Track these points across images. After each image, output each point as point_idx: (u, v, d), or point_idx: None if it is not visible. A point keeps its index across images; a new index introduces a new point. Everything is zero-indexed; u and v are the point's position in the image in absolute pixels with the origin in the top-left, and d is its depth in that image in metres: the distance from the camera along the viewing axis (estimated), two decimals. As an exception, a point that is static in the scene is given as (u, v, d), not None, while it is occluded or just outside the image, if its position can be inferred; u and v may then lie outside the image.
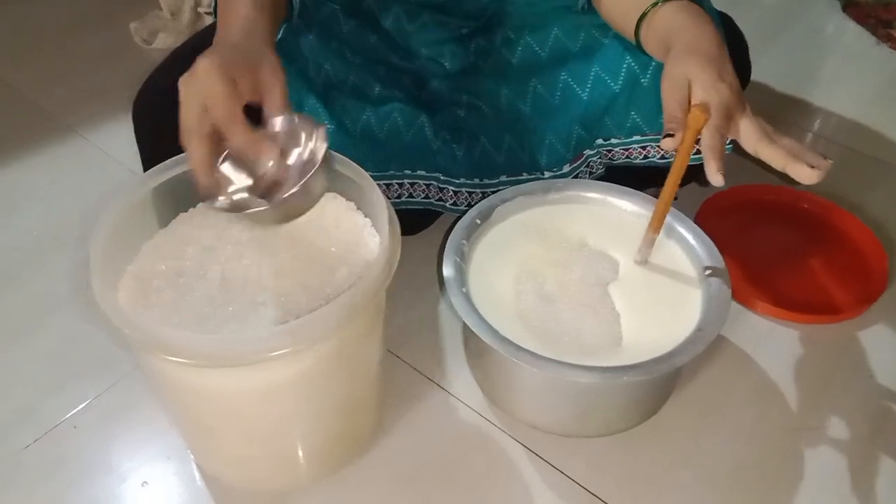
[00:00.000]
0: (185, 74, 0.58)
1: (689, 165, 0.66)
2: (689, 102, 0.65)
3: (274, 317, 0.58)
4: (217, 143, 0.58)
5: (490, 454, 0.71)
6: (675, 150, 0.65)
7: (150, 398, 0.75)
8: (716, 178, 0.63)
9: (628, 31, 0.77)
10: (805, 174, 0.63)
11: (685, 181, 0.68)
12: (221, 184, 0.59)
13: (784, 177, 0.71)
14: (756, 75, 0.94)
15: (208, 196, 0.58)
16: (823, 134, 1.16)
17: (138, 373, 0.77)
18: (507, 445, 0.71)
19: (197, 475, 0.69)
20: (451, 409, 0.75)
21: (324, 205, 0.66)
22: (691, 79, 0.65)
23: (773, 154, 0.64)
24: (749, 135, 0.66)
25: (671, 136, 0.64)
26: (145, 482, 0.68)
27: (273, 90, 0.61)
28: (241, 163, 0.59)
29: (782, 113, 1.19)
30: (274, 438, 0.62)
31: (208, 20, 1.31)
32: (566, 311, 0.70)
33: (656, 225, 0.71)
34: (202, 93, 0.56)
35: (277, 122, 0.60)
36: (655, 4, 0.73)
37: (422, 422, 0.73)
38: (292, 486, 0.68)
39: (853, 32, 1.43)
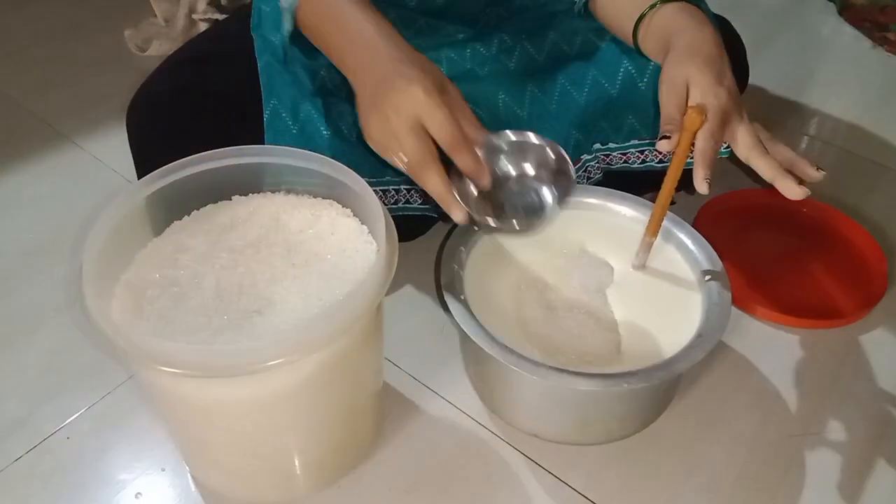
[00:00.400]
0: (396, 95, 0.56)
1: (686, 169, 0.65)
2: (687, 104, 0.65)
3: (270, 326, 0.57)
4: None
5: (489, 463, 0.70)
6: (672, 153, 0.65)
7: (145, 408, 0.74)
8: (702, 185, 0.63)
9: (626, 32, 0.76)
10: (792, 190, 0.63)
11: (682, 185, 0.68)
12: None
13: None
14: (752, 79, 0.94)
15: (464, 216, 0.61)
16: (820, 137, 1.16)
17: (133, 382, 0.76)
18: (507, 454, 0.71)
19: (192, 487, 0.68)
20: (450, 417, 0.74)
21: (319, 212, 0.66)
22: (689, 81, 0.65)
23: (763, 165, 0.64)
24: (743, 142, 0.66)
25: (668, 137, 0.64)
26: (139, 494, 0.67)
27: (466, 110, 0.61)
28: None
29: (779, 116, 1.19)
30: (271, 450, 0.61)
31: (202, 27, 1.30)
32: (566, 318, 0.69)
33: (653, 229, 0.70)
34: (423, 115, 0.55)
35: (494, 142, 0.63)
36: (654, 6, 0.73)
37: (421, 431, 0.72)
38: (290, 497, 0.67)
39: (849, 35, 1.43)
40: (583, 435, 0.71)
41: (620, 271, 0.74)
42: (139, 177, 0.67)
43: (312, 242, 0.63)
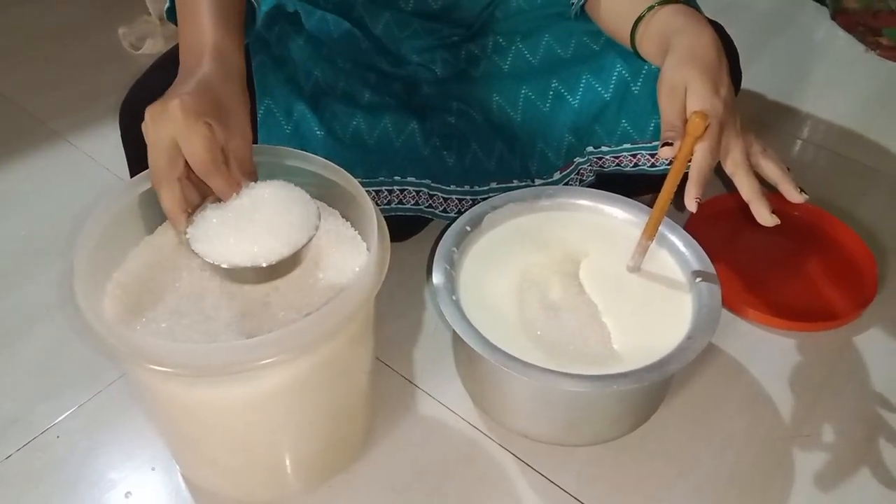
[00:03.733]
0: (156, 110, 0.54)
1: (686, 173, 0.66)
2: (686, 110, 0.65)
3: (261, 326, 0.57)
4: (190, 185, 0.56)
5: (480, 463, 0.70)
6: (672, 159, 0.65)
7: (136, 407, 0.74)
8: (692, 204, 0.64)
9: (623, 34, 0.77)
10: (763, 217, 0.65)
11: (676, 192, 0.68)
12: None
13: (771, 185, 0.71)
14: (746, 83, 0.94)
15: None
16: (813, 140, 1.16)
17: (124, 381, 0.76)
18: (498, 455, 0.71)
19: (183, 486, 0.68)
20: (442, 418, 0.74)
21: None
22: (687, 88, 0.65)
23: (744, 184, 0.66)
24: (732, 157, 0.66)
25: (670, 144, 0.64)
26: (129, 493, 0.67)
27: (241, 152, 0.57)
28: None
29: (772, 120, 1.19)
30: (262, 449, 0.61)
31: (197, 25, 1.30)
32: (555, 319, 0.69)
33: (650, 232, 0.70)
34: (178, 134, 0.53)
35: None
36: (652, 7, 0.73)
37: (412, 431, 0.73)
38: (281, 497, 0.67)
39: (842, 40, 1.44)
40: (573, 436, 0.71)
41: (613, 273, 0.74)
42: (132, 175, 0.67)
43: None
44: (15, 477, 0.68)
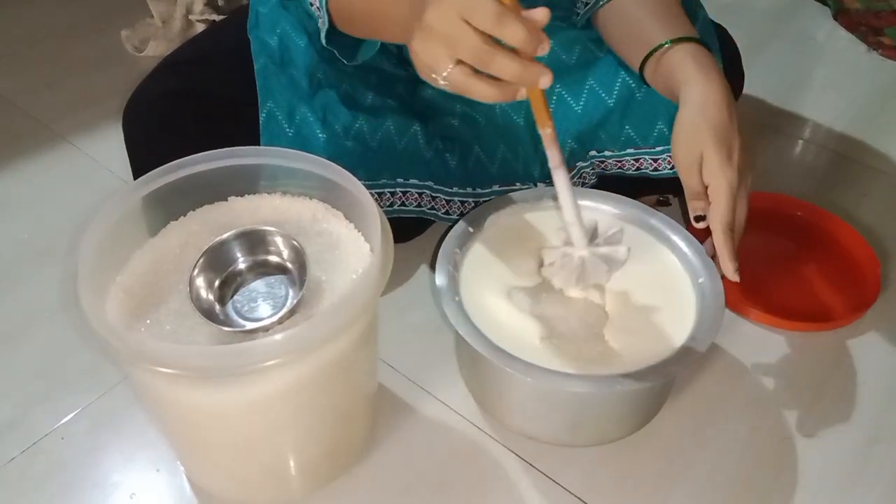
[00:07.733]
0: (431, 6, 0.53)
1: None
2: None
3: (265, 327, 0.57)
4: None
5: (483, 464, 0.70)
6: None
7: (140, 409, 0.74)
8: (734, 276, 0.68)
9: (631, 62, 0.76)
10: (730, 273, 0.68)
11: (677, 190, 0.69)
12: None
13: (774, 185, 0.71)
14: (747, 83, 0.94)
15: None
16: (815, 141, 1.16)
17: (127, 383, 0.76)
18: (501, 455, 0.71)
19: (187, 487, 0.68)
20: (445, 418, 0.74)
21: (315, 213, 0.66)
22: (703, 157, 0.67)
23: (720, 243, 0.67)
24: (721, 214, 0.67)
25: (702, 217, 0.68)
26: (134, 494, 0.67)
27: None
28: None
29: (774, 121, 1.19)
30: (265, 451, 0.61)
31: (199, 28, 1.30)
32: (559, 319, 0.69)
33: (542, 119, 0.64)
34: (461, 9, 0.52)
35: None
36: (660, 47, 0.71)
37: (415, 432, 0.73)
38: (284, 498, 0.67)
39: (844, 40, 1.44)
40: (576, 436, 0.71)
41: (615, 273, 0.74)
42: (135, 177, 0.68)
43: (307, 244, 0.64)
44: (18, 479, 0.69)
